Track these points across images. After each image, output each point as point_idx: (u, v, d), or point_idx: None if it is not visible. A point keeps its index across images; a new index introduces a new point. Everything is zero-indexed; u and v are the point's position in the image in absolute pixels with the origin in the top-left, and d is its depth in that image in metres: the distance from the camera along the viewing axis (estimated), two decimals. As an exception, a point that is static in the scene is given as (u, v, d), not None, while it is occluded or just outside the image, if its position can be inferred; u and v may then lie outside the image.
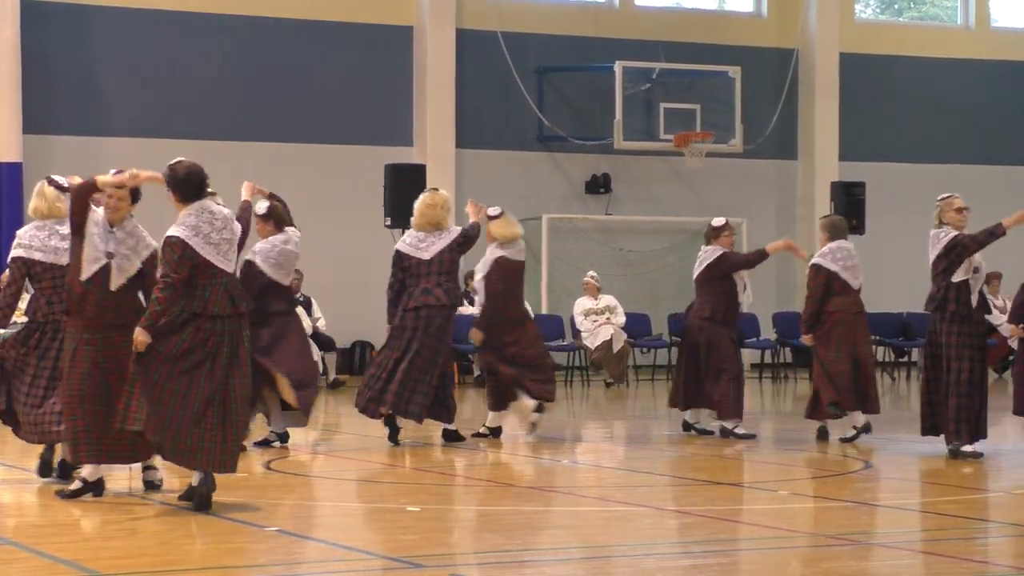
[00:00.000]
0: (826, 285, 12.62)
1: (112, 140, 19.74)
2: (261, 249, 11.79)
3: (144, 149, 19.27)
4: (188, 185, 8.69)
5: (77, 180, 9.09)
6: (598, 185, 22.25)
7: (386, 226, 18.42)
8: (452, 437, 12.38)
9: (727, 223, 13.15)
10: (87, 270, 8.81)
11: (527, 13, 22.08)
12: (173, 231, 8.53)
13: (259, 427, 11.89)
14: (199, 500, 8.48)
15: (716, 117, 21.93)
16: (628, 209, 22.43)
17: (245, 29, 20.73)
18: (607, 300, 20.33)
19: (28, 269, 9.41)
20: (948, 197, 11.64)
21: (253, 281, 11.39)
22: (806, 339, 12.71)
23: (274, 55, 20.84)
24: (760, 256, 13.17)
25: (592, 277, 20.40)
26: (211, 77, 20.57)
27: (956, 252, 11.25)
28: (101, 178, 8.86)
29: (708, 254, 12.86)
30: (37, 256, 9.42)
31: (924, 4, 25.70)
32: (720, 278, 12.84)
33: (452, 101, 21.40)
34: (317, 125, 20.99)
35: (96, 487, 8.95)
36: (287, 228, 11.97)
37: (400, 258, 12.32)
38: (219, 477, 8.53)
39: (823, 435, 12.51)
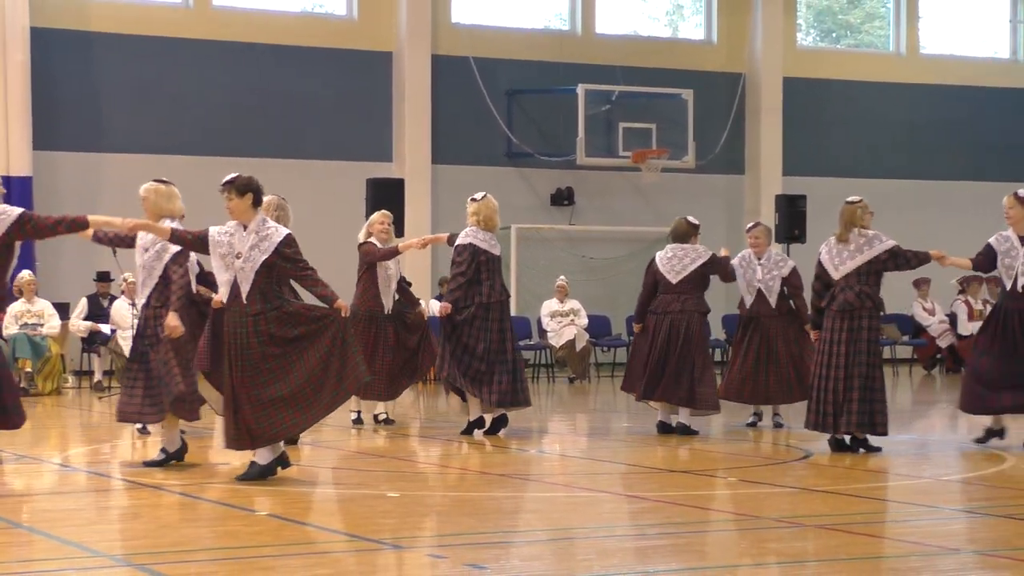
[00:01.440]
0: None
1: (113, 156, 19.71)
2: None
3: (143, 164, 19.22)
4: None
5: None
6: (562, 198, 22.29)
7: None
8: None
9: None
10: None
11: (497, 40, 22.11)
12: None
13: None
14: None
15: (670, 136, 22.01)
16: (590, 220, 22.48)
17: (237, 54, 20.71)
18: (571, 303, 20.39)
19: None
20: (856, 204, 11.51)
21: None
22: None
23: (264, 78, 20.83)
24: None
25: (563, 281, 20.50)
26: (205, 98, 20.55)
27: (895, 263, 11.16)
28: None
29: (696, 253, 12.49)
30: None
31: (859, 32, 25.81)
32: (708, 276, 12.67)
33: (428, 120, 21.42)
34: (304, 142, 20.99)
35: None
36: None
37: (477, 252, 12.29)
38: (212, 469, 8.52)
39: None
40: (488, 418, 12.28)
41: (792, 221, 20.86)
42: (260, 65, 20.82)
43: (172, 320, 9.35)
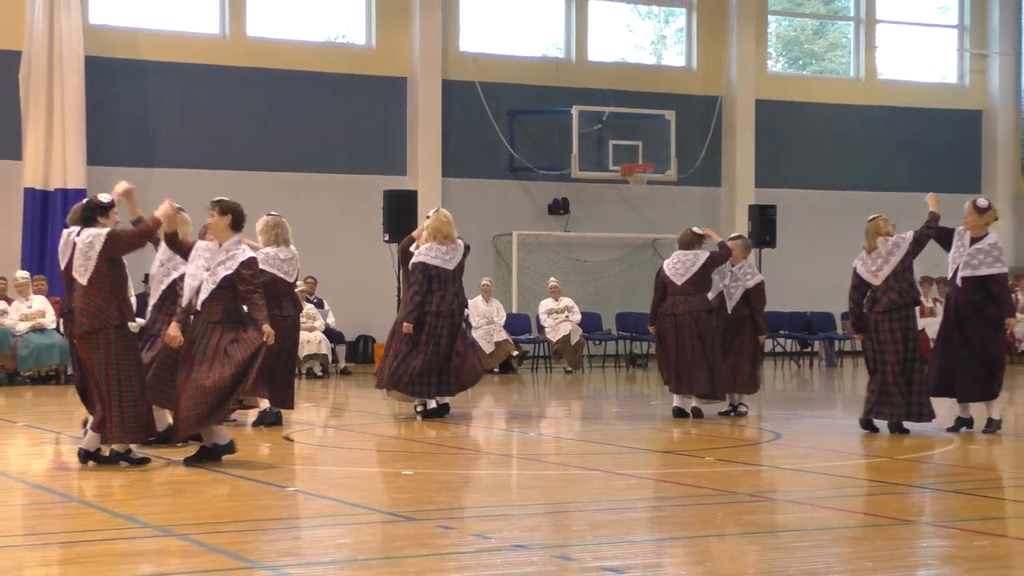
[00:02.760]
0: None
1: (160, 170, 19.71)
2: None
3: (186, 177, 19.28)
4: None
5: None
6: (559, 207, 22.29)
7: (384, 241, 18.42)
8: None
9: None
10: None
11: (500, 66, 22.11)
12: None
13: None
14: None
15: (655, 152, 22.00)
16: (583, 227, 22.48)
17: (269, 79, 20.72)
18: (566, 301, 20.37)
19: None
20: (876, 218, 11.41)
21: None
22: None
23: (293, 100, 20.83)
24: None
25: (554, 282, 20.48)
26: (241, 118, 20.56)
27: (921, 244, 11.13)
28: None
29: (696, 257, 12.33)
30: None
31: (823, 60, 25.80)
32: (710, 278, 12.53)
33: (438, 138, 21.42)
34: (328, 157, 20.99)
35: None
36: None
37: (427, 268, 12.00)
38: (248, 450, 8.51)
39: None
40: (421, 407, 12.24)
41: (764, 228, 20.88)
42: (289, 89, 20.82)
43: (173, 330, 9.12)
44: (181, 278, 9.50)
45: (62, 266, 9.09)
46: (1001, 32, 25.22)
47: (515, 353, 19.74)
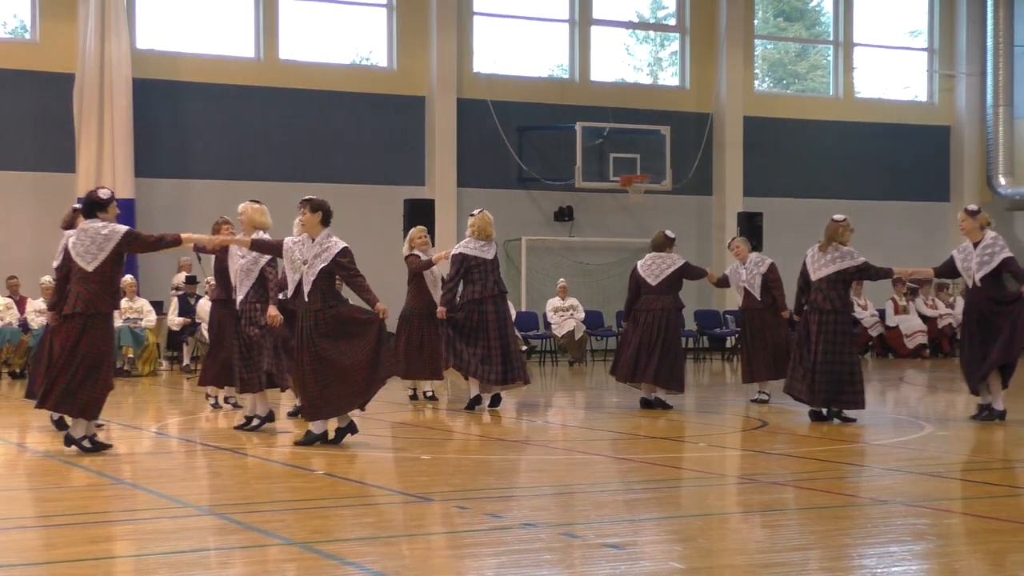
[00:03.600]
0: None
1: (200, 182, 19.76)
2: None
3: (223, 188, 19.30)
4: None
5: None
6: (564, 215, 22.28)
7: (405, 245, 18.40)
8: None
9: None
10: None
11: (510, 86, 22.10)
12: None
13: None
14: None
15: (652, 164, 21.98)
16: (586, 233, 22.46)
17: (300, 98, 20.74)
18: (571, 300, 20.39)
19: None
20: (845, 219, 11.22)
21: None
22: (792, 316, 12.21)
23: (321, 117, 20.85)
24: (703, 273, 12.78)
25: (563, 282, 20.55)
26: (273, 134, 20.58)
27: (862, 276, 11.09)
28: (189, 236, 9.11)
29: (672, 260, 12.32)
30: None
31: (805, 80, 25.75)
32: (681, 279, 12.53)
33: (454, 152, 21.43)
34: (352, 169, 21.01)
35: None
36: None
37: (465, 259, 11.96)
38: (279, 437, 8.52)
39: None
40: (486, 396, 12.19)
41: (751, 234, 20.83)
42: (317, 107, 20.83)
43: (272, 311, 9.66)
44: (268, 263, 10.02)
45: (55, 265, 9.29)
46: (968, 54, 25.16)
47: (524, 348, 19.73)
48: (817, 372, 10.79)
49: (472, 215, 12.34)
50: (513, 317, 19.41)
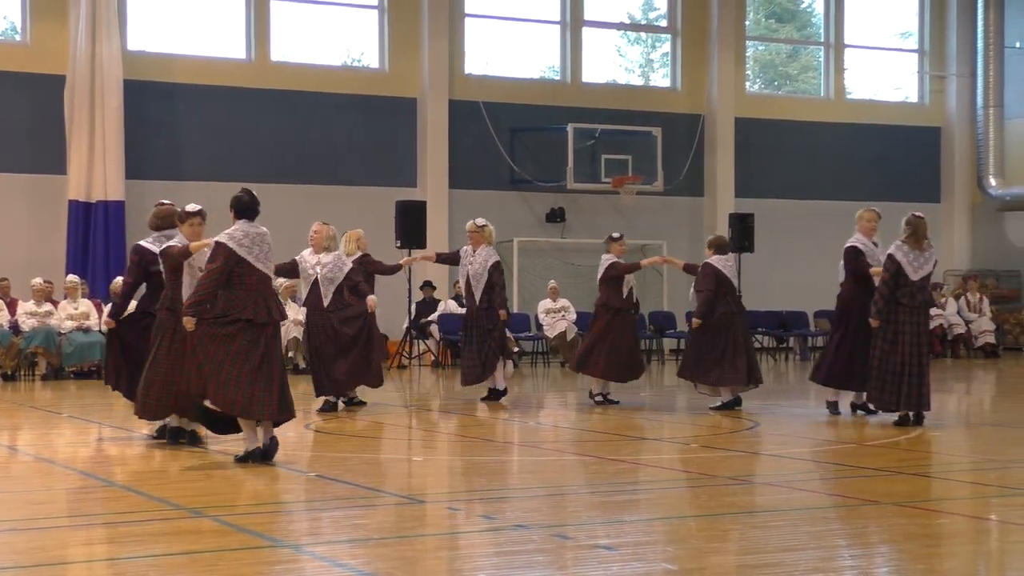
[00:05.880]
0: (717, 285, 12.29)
1: (190, 183, 19.70)
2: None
3: (215, 190, 19.24)
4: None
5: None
6: (555, 216, 22.28)
7: (396, 246, 18.42)
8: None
9: (622, 235, 13.20)
10: None
11: (502, 87, 22.10)
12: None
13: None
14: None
15: (643, 165, 21.99)
16: (578, 234, 22.46)
17: (291, 100, 20.71)
18: (563, 302, 20.39)
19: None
20: (922, 218, 10.92)
21: None
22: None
23: (313, 119, 20.83)
24: (635, 266, 13.16)
25: (554, 284, 20.54)
26: (265, 135, 20.56)
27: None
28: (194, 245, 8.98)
29: (603, 261, 12.98)
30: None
31: (796, 81, 25.79)
32: (614, 279, 12.83)
33: (446, 153, 21.42)
34: (345, 170, 20.99)
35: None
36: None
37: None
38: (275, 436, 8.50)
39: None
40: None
41: (743, 234, 20.87)
42: (309, 109, 20.81)
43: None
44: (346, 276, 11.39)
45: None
46: (958, 56, 25.21)
47: (516, 349, 19.73)
48: (924, 374, 10.62)
49: (483, 225, 13.01)
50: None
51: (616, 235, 13.14)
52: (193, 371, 8.35)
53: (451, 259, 13.57)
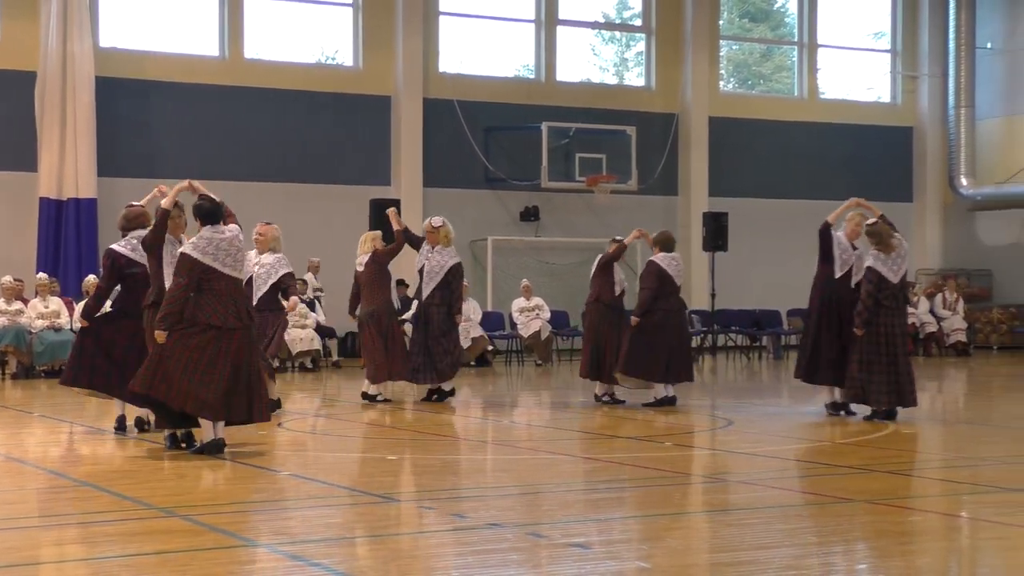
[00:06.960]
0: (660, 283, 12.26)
1: (164, 181, 19.42)
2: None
3: (188, 188, 19.12)
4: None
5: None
6: (530, 215, 22.27)
7: (371, 245, 18.35)
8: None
9: (622, 239, 13.15)
10: None
11: (477, 86, 22.08)
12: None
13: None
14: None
15: (617, 164, 22.01)
16: (552, 233, 22.47)
17: (265, 97, 20.63)
18: (537, 300, 20.37)
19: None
20: (879, 221, 11.28)
21: None
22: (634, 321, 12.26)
23: (287, 117, 20.75)
24: (621, 247, 12.98)
25: (527, 282, 20.52)
26: (239, 133, 20.47)
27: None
28: (164, 201, 8.94)
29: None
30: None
31: (770, 81, 25.88)
32: (603, 268, 12.81)
33: (420, 151, 21.38)
34: (319, 168, 20.92)
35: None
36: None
37: None
38: (244, 434, 8.47)
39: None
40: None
41: (716, 233, 20.92)
42: (283, 106, 20.73)
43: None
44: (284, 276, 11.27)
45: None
46: (930, 56, 25.36)
47: (490, 348, 19.72)
48: (909, 371, 10.84)
49: (441, 223, 12.78)
50: (479, 318, 19.51)
51: (619, 238, 13.20)
52: (151, 364, 8.42)
53: (414, 242, 13.50)
